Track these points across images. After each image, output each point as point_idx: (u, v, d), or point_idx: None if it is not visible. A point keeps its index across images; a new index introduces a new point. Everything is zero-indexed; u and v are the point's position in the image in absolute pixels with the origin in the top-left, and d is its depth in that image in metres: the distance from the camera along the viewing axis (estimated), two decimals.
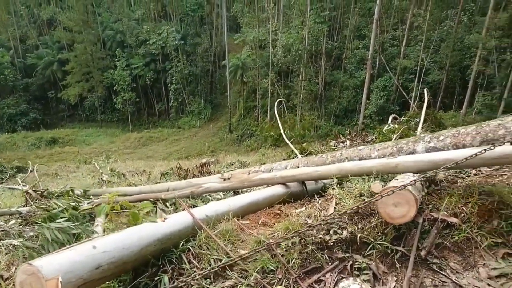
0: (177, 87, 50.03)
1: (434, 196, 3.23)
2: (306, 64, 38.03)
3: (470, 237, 2.85)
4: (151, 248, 2.52)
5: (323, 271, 2.68)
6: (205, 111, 49.84)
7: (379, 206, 2.58)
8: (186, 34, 51.22)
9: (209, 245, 2.76)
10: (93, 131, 50.76)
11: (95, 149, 42.31)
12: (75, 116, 55.78)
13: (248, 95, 45.86)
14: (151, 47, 49.18)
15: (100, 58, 52.34)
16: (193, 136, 46.13)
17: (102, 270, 2.18)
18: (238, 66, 43.19)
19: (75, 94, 51.32)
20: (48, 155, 41.29)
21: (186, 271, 2.60)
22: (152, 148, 43.93)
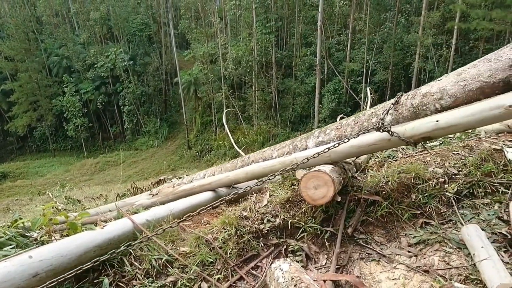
0: (130, 109, 49.25)
1: (360, 179, 3.51)
2: (258, 75, 38.68)
3: (392, 212, 3.12)
4: (91, 254, 2.58)
5: (260, 257, 2.85)
6: (161, 130, 49.29)
7: (302, 190, 2.79)
8: (135, 54, 50.70)
9: (149, 246, 2.86)
10: (46, 162, 48.84)
11: (50, 180, 40.70)
12: (25, 147, 53.51)
13: (204, 110, 45.89)
14: (99, 70, 48.28)
15: (47, 85, 50.59)
16: (151, 156, 45.45)
17: (40, 278, 2.23)
18: (190, 82, 43.22)
19: (23, 125, 49.22)
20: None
21: (128, 273, 2.68)
22: (110, 173, 42.81)
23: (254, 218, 3.08)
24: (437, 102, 2.91)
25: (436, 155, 3.82)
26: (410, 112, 3.09)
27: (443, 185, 3.28)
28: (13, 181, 42.27)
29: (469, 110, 2.59)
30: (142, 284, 2.62)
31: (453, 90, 2.86)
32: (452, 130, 2.75)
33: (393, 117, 3.18)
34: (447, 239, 2.82)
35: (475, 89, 2.74)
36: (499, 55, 2.70)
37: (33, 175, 44.73)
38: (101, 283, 2.58)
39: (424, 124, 2.76)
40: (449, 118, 2.66)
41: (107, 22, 52.62)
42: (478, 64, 2.81)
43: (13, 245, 4.20)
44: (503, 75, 2.63)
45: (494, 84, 2.67)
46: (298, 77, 38.80)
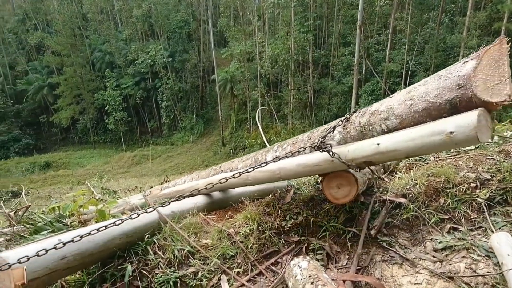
0: (168, 104, 50.31)
1: (387, 180, 3.44)
2: (294, 74, 38.49)
3: (418, 215, 3.05)
4: (117, 241, 2.69)
5: (280, 254, 2.86)
6: (197, 126, 50.05)
7: (324, 188, 2.77)
8: (174, 51, 51.69)
9: (173, 237, 2.94)
10: (86, 153, 50.79)
11: (89, 171, 42.28)
12: (68, 139, 55.81)
13: (239, 107, 46.18)
14: (140, 66, 49.58)
15: (90, 80, 52.63)
16: (187, 151, 46.25)
17: (67, 261, 2.34)
18: (227, 80, 43.58)
19: (67, 117, 51.44)
20: (42, 179, 41.20)
21: (151, 261, 2.76)
22: (146, 166, 43.95)
23: (277, 214, 3.09)
24: (383, 123, 2.60)
25: (469, 159, 3.68)
26: (357, 131, 2.78)
27: (475, 190, 3.16)
28: (55, 170, 44.25)
29: (409, 134, 2.29)
30: (164, 273, 2.70)
31: (399, 110, 2.53)
32: (392, 156, 2.42)
33: (341, 135, 2.90)
34: (475, 246, 2.72)
35: (420, 110, 2.41)
36: (450, 72, 2.35)
37: (74, 166, 46.64)
38: (125, 269, 2.68)
39: (366, 146, 2.48)
40: (389, 142, 2.36)
41: (148, 19, 53.90)
42: (428, 81, 2.48)
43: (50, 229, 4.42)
44: (449, 96, 2.27)
45: (440, 105, 2.33)
46: (335, 76, 38.32)
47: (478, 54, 2.19)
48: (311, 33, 37.16)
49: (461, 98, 2.22)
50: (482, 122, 2.03)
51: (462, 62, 2.29)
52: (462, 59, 2.33)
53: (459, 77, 2.25)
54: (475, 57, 2.20)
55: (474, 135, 1.99)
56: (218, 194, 3.78)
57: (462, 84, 2.21)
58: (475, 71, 2.17)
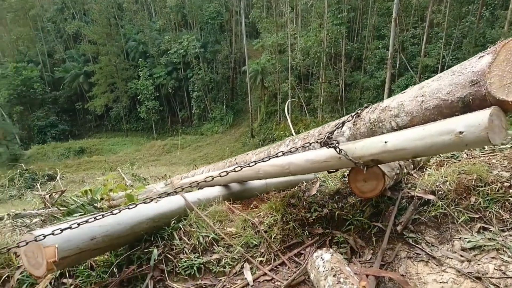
0: (199, 94, 50.85)
1: (416, 176, 3.37)
2: (326, 67, 38.02)
3: (447, 213, 2.97)
4: (144, 225, 2.77)
5: (304, 245, 2.86)
6: (227, 117, 50.40)
7: (350, 182, 2.74)
8: (206, 42, 52.05)
9: (198, 224, 2.99)
10: (119, 140, 52.13)
11: (121, 157, 43.38)
12: (101, 126, 57.40)
13: (269, 99, 46.12)
14: (172, 56, 50.25)
15: (124, 69, 53.83)
16: (216, 142, 46.69)
17: (96, 241, 2.43)
18: (258, 71, 43.57)
19: (101, 105, 52.96)
20: (76, 164, 42.65)
21: (176, 247, 2.83)
22: (176, 155, 44.71)
23: (301, 206, 3.09)
24: (393, 120, 2.47)
25: (504, 158, 3.55)
26: (367, 128, 2.66)
27: (508, 190, 3.05)
28: (89, 156, 45.67)
29: (418, 132, 2.15)
30: (188, 258, 2.76)
31: (410, 107, 2.39)
32: (401, 155, 2.29)
33: (351, 132, 2.80)
34: (506, 247, 2.64)
35: (432, 108, 2.27)
36: (464, 67, 2.18)
37: (107, 152, 47.97)
38: (151, 252, 2.75)
39: (374, 144, 2.37)
40: (398, 140, 2.23)
41: (182, 9, 54.43)
42: (442, 77, 2.31)
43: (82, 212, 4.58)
44: (462, 93, 2.11)
45: (452, 103, 2.17)
46: (368, 70, 37.60)
47: (495, 48, 2.02)
48: (344, 25, 36.54)
49: (474, 96, 2.06)
50: (494, 122, 1.88)
51: (478, 57, 2.13)
52: (479, 53, 2.16)
53: (473, 73, 2.08)
54: (491, 51, 2.04)
55: (485, 136, 1.85)
56: (240, 185, 3.80)
57: (475, 80, 2.05)
58: (490, 67, 1.99)
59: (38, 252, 2.18)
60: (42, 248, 2.16)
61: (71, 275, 2.74)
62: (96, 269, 2.75)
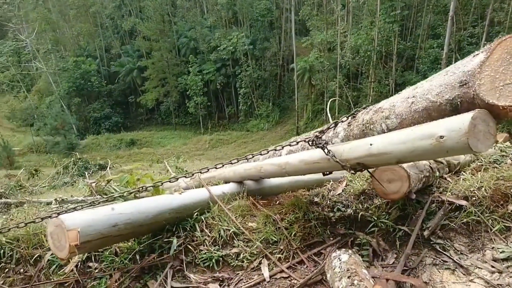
0: (246, 91, 51.29)
1: (449, 180, 3.20)
2: (376, 66, 37.07)
3: (480, 220, 2.80)
4: (166, 216, 2.83)
5: (324, 245, 2.81)
6: (273, 114, 50.45)
7: (374, 182, 2.65)
8: (255, 39, 52.32)
9: (221, 217, 3.02)
10: (168, 134, 53.69)
11: (169, 150, 44.63)
12: (152, 119, 59.37)
13: (316, 98, 45.65)
14: (222, 53, 50.99)
15: (175, 64, 55.34)
16: (261, 138, 46.88)
17: (118, 228, 2.51)
18: (306, 69, 43.19)
19: (152, 99, 54.79)
20: (127, 155, 44.48)
21: (197, 238, 2.87)
22: (221, 150, 45.40)
23: (325, 205, 3.04)
24: (384, 122, 2.32)
25: None
26: (359, 129, 2.52)
27: None
28: (139, 148, 47.45)
29: (401, 135, 1.97)
30: (208, 251, 2.80)
31: (400, 109, 2.23)
32: (385, 160, 2.11)
33: (345, 133, 2.68)
34: None
35: (420, 110, 2.10)
36: (457, 66, 2.00)
37: (156, 145, 49.56)
38: (172, 242, 2.81)
39: (360, 146, 2.22)
40: (383, 143, 2.05)
41: (233, 7, 55.02)
42: (435, 76, 2.14)
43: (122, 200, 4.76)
44: (451, 95, 1.93)
45: (440, 106, 1.99)
46: (420, 70, 36.16)
47: (490, 46, 1.83)
48: (397, 23, 35.37)
49: (462, 98, 1.88)
50: (478, 127, 1.69)
51: (473, 55, 1.94)
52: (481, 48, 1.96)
53: (463, 73, 1.89)
54: (486, 49, 1.84)
55: (465, 142, 1.66)
56: (268, 181, 3.78)
57: (464, 81, 1.86)
58: (481, 66, 1.80)
59: (61, 235, 2.29)
60: (65, 231, 2.26)
61: (97, 259, 2.86)
62: (120, 255, 2.85)
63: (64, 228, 2.28)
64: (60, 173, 21.21)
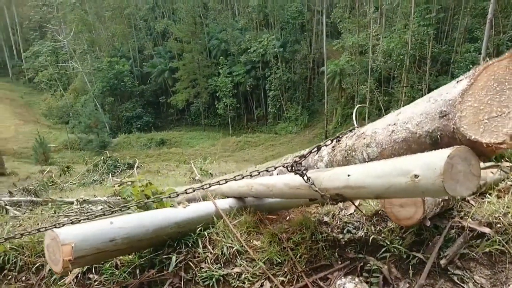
0: (275, 94, 51.17)
1: (472, 204, 2.96)
2: (409, 70, 36.12)
3: (505, 251, 2.56)
4: (168, 230, 2.74)
5: (331, 269, 2.64)
6: (301, 117, 50.10)
7: (386, 205, 2.46)
8: (286, 42, 52.14)
9: (225, 233, 2.90)
10: (197, 134, 54.21)
11: (197, 151, 45.08)
12: (182, 120, 60.13)
13: (346, 102, 44.99)
14: (252, 55, 51.09)
15: (205, 66, 55.87)
16: (289, 142, 46.61)
17: (115, 243, 2.44)
18: (336, 72, 42.68)
19: (183, 100, 55.52)
20: (156, 154, 45.22)
21: (199, 255, 2.77)
22: (249, 152, 45.43)
23: (335, 225, 2.86)
24: (365, 150, 2.11)
25: None
26: (342, 155, 2.31)
27: None
28: (169, 148, 48.15)
29: (378, 168, 1.77)
30: (209, 269, 2.68)
31: (381, 136, 2.01)
32: (363, 194, 1.92)
33: (329, 158, 2.47)
34: None
35: (400, 141, 1.88)
36: (440, 92, 1.77)
37: (185, 145, 50.14)
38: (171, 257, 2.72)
39: (339, 175, 2.03)
40: (360, 174, 1.86)
41: (264, 9, 55.06)
42: (419, 102, 1.90)
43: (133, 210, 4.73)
44: (430, 127, 1.70)
45: (420, 138, 1.76)
46: (456, 75, 34.86)
47: (473, 72, 1.60)
48: (432, 26, 34.34)
49: (442, 132, 1.65)
50: (457, 167, 1.46)
51: (456, 81, 1.71)
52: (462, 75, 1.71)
53: (444, 102, 1.66)
54: (469, 75, 1.62)
55: (440, 185, 1.43)
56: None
57: (445, 112, 1.63)
58: (463, 95, 1.58)
59: (56, 248, 2.24)
60: (60, 245, 2.21)
61: (97, 271, 2.80)
62: (120, 268, 2.78)
63: (59, 242, 2.22)
64: (90, 171, 21.71)
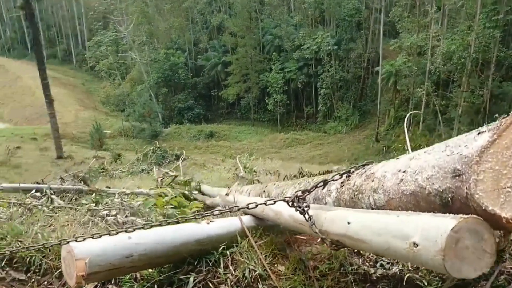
0: (326, 92, 50.42)
1: None
2: (470, 74, 34.18)
3: None
4: (189, 247, 2.65)
5: None
6: (352, 117, 49.04)
7: None
8: (341, 39, 51.12)
9: (249, 254, 2.80)
10: (245, 129, 54.64)
11: (245, 145, 45.43)
12: (232, 113, 60.84)
13: (400, 104, 43.50)
14: (305, 52, 50.55)
15: (258, 61, 56.12)
16: (338, 141, 45.82)
17: (132, 259, 2.37)
18: (391, 73, 41.27)
19: (234, 94, 56.19)
20: (205, 146, 46.11)
21: (220, 275, 2.69)
22: (296, 150, 45.15)
23: (367, 257, 2.68)
24: (372, 195, 1.81)
25: None
26: (349, 195, 2.02)
27: None
28: (217, 141, 48.93)
29: (379, 223, 1.49)
30: None
31: (389, 184, 1.70)
32: (362, 248, 1.70)
33: (336, 194, 2.19)
34: None
35: (408, 194, 1.54)
36: (458, 143, 1.37)
37: (233, 139, 50.70)
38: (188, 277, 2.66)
39: (340, 220, 1.77)
40: (360, 225, 1.60)
41: (320, 5, 54.17)
42: (435, 148, 1.53)
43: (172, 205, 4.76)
44: (441, 185, 1.35)
45: (429, 196, 1.41)
46: None
47: (498, 125, 1.24)
48: (499, 29, 32.21)
49: (454, 194, 1.32)
50: (463, 242, 1.12)
51: (477, 132, 1.34)
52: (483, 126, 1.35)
53: (460, 157, 1.30)
54: (492, 128, 1.26)
55: (440, 262, 1.12)
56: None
57: (458, 170, 1.28)
58: (482, 154, 1.21)
59: (71, 263, 2.21)
60: (74, 260, 2.19)
61: (117, 282, 2.80)
62: (140, 281, 2.76)
63: (73, 256, 2.19)
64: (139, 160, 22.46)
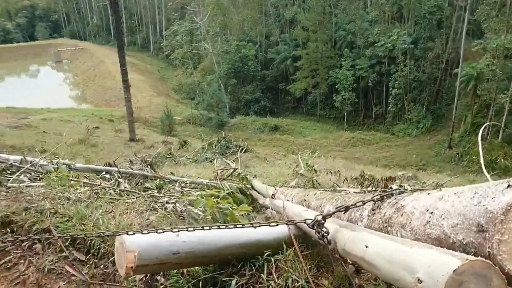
0: (398, 92, 48.33)
1: None
2: None
3: None
4: (233, 250, 2.65)
5: None
6: (424, 120, 46.54)
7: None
8: (418, 38, 48.53)
9: (294, 264, 2.72)
10: (310, 125, 54.06)
11: (308, 141, 44.99)
12: (298, 108, 60.52)
13: (479, 109, 40.54)
14: (378, 49, 48.74)
15: (328, 57, 55.12)
16: (406, 145, 43.82)
17: (178, 256, 2.43)
18: (472, 76, 38.45)
19: (301, 89, 55.79)
20: (268, 139, 46.35)
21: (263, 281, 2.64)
22: (360, 150, 43.91)
23: None
24: (399, 230, 1.73)
25: None
26: (379, 224, 1.93)
27: None
28: (281, 135, 48.96)
29: (393, 249, 1.43)
30: None
31: (416, 223, 1.60)
32: (375, 273, 1.65)
33: (368, 221, 2.09)
34: None
35: (433, 238, 1.43)
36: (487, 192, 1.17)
37: (297, 134, 50.41)
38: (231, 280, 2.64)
39: (360, 242, 1.71)
40: (376, 251, 1.54)
41: (398, 1, 51.74)
42: (465, 192, 1.33)
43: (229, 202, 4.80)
44: (464, 238, 1.22)
45: (453, 245, 1.28)
46: None
47: None
48: None
49: (477, 250, 1.19)
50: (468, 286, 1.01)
51: (507, 184, 1.14)
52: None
53: (485, 211, 1.15)
54: None
55: None
56: None
57: (482, 226, 1.15)
58: (508, 213, 1.06)
59: (122, 254, 2.31)
60: (125, 251, 2.28)
61: (165, 274, 2.86)
62: (186, 277, 2.80)
63: (125, 248, 2.29)
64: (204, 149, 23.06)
